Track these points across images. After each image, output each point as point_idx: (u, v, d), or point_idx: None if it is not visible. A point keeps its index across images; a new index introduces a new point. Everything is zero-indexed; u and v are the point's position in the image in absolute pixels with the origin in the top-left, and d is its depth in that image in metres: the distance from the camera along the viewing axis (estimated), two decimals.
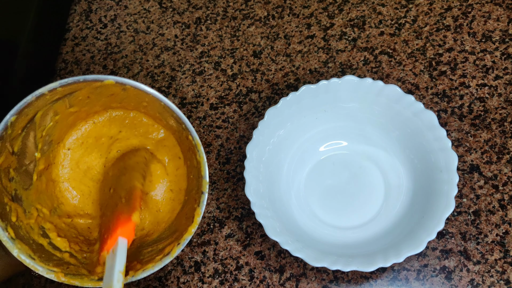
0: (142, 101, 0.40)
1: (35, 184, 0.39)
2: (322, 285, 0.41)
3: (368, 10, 0.52)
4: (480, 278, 0.39)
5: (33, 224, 0.38)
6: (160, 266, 0.37)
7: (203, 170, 0.38)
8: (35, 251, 0.37)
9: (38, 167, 0.40)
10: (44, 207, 0.40)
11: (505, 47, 0.47)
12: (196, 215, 0.38)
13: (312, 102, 0.44)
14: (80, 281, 0.37)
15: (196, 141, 0.38)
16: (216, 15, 0.56)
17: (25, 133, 0.37)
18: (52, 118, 0.39)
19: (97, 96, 0.39)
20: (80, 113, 0.41)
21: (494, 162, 0.43)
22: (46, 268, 0.36)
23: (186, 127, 0.38)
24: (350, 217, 0.43)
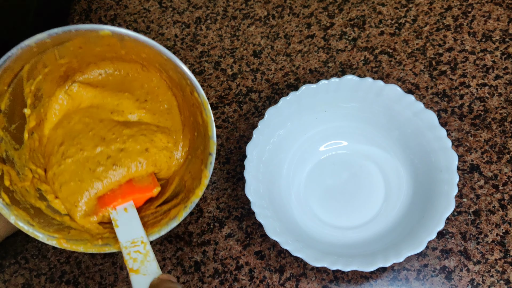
0: (141, 52, 0.37)
1: (26, 142, 0.37)
2: (322, 285, 0.41)
3: (368, 10, 0.52)
4: (480, 278, 0.39)
5: (29, 186, 0.36)
6: (167, 230, 0.36)
7: (210, 130, 0.35)
8: (33, 216, 0.35)
9: (29, 125, 0.37)
10: (38, 167, 0.38)
11: (505, 47, 0.47)
12: (204, 177, 0.36)
13: (312, 102, 0.44)
14: (83, 246, 0.36)
15: (202, 98, 0.35)
16: (216, 15, 0.55)
17: (12, 89, 0.35)
18: (41, 71, 0.36)
19: (90, 46, 0.36)
20: (72, 63, 0.38)
21: (494, 162, 0.43)
22: (47, 235, 0.35)
23: (191, 83, 0.35)
24: (350, 217, 0.43)
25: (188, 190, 0.38)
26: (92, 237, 0.37)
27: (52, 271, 0.46)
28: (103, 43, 0.35)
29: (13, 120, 0.36)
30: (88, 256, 0.46)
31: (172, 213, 0.37)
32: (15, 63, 0.33)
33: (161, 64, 0.37)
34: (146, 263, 0.33)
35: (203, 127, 0.37)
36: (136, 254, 0.34)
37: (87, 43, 0.35)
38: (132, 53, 0.37)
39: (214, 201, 0.46)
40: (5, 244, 0.48)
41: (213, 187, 0.47)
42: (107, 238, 0.37)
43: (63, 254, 0.47)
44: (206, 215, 0.46)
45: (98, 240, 0.37)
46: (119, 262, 0.45)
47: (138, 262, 0.33)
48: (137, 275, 0.32)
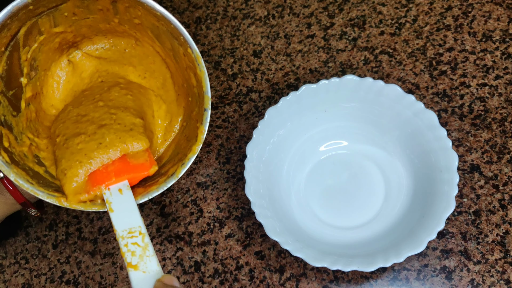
0: (135, 17, 0.37)
1: (23, 111, 0.37)
2: (323, 285, 0.41)
3: (369, 10, 0.52)
4: (481, 278, 0.39)
5: (27, 152, 0.36)
6: (165, 187, 0.36)
7: (204, 86, 0.36)
8: (32, 176, 0.35)
9: (26, 94, 0.37)
10: (36, 137, 0.38)
11: (506, 47, 0.47)
12: (200, 133, 0.36)
13: (312, 102, 0.44)
14: (84, 205, 0.35)
15: (196, 53, 0.35)
16: (216, 15, 0.55)
17: (8, 52, 0.35)
18: (37, 38, 0.36)
19: (83, 12, 0.36)
20: (66, 35, 0.38)
21: (495, 162, 0.43)
22: (46, 193, 0.35)
23: (184, 40, 0.35)
24: (350, 217, 0.43)
25: (184, 150, 0.38)
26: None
27: (52, 271, 0.46)
28: (96, 7, 0.36)
29: (11, 86, 0.36)
30: (88, 256, 0.46)
31: (170, 171, 0.37)
32: (12, 22, 0.33)
33: (154, 29, 0.37)
34: (146, 258, 0.32)
35: (198, 86, 0.37)
36: (134, 246, 0.32)
37: (80, 7, 0.36)
38: (125, 21, 0.37)
39: (214, 201, 0.46)
40: (5, 244, 0.48)
41: (213, 187, 0.47)
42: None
43: (63, 254, 0.47)
44: (206, 215, 0.46)
45: (97, 200, 0.36)
46: (119, 262, 0.45)
47: (137, 257, 0.32)
48: (136, 271, 0.31)
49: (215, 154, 0.48)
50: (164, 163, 0.40)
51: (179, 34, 0.35)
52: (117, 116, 0.38)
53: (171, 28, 0.35)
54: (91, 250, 0.46)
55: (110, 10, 0.36)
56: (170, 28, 0.36)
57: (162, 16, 0.35)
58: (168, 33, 0.37)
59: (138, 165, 0.37)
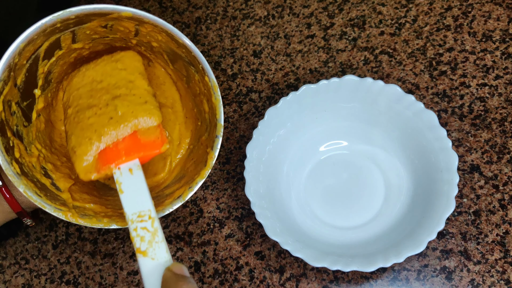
0: (154, 41, 0.37)
1: (34, 122, 0.37)
2: (323, 285, 0.41)
3: (368, 10, 0.52)
4: (481, 278, 0.39)
5: (35, 162, 0.37)
6: (171, 209, 0.36)
7: (218, 114, 0.37)
8: (40, 189, 0.35)
9: (38, 105, 0.38)
10: (43, 148, 0.38)
11: (506, 47, 0.47)
12: (210, 159, 0.37)
13: (312, 102, 0.44)
14: (89, 221, 0.35)
15: (213, 82, 0.36)
16: (216, 15, 0.55)
17: (29, 65, 0.35)
18: (56, 52, 0.37)
19: (105, 32, 0.37)
20: (83, 50, 0.38)
21: (495, 162, 0.43)
22: (54, 206, 0.35)
23: (203, 68, 0.36)
24: (350, 217, 0.43)
25: (192, 174, 0.38)
26: (96, 214, 0.36)
27: (52, 271, 0.46)
28: (119, 27, 0.36)
29: (25, 98, 0.36)
30: (88, 257, 0.46)
31: (176, 193, 0.37)
32: (38, 38, 0.33)
33: (170, 53, 0.38)
34: (155, 244, 0.31)
35: (210, 113, 0.37)
36: (143, 231, 0.31)
37: (104, 27, 0.36)
38: (143, 43, 0.38)
39: (214, 201, 0.46)
40: (6, 244, 0.48)
41: (213, 187, 0.47)
42: (111, 217, 0.36)
43: (63, 254, 0.47)
44: (206, 215, 0.46)
45: (103, 218, 0.36)
46: (119, 263, 0.45)
47: (146, 242, 0.31)
48: (145, 257, 0.30)
49: None
50: (169, 184, 0.40)
51: (198, 63, 0.36)
52: (134, 85, 0.36)
53: (191, 56, 0.36)
54: (91, 250, 0.46)
55: (131, 32, 0.37)
56: (190, 56, 0.36)
57: (184, 45, 0.35)
58: (185, 59, 0.37)
59: (149, 143, 0.35)
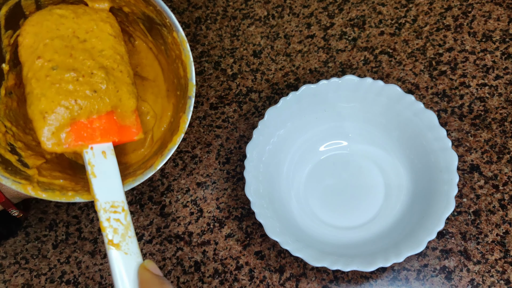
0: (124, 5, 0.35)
1: (3, 99, 0.34)
2: (322, 285, 0.41)
3: (368, 10, 0.52)
4: (480, 278, 0.39)
5: (0, 138, 0.33)
6: (142, 180, 0.34)
7: (189, 72, 0.34)
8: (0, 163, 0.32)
9: (7, 82, 0.34)
10: (13, 126, 0.35)
11: (506, 47, 0.47)
12: (182, 123, 0.34)
13: (312, 102, 0.44)
14: (50, 194, 0.32)
15: (181, 37, 0.34)
16: (216, 15, 0.55)
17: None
18: (21, 23, 0.33)
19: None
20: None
21: (494, 162, 0.43)
22: (12, 179, 0.32)
23: (171, 23, 0.33)
24: (350, 217, 0.43)
25: (166, 141, 0.35)
26: (62, 188, 0.33)
27: (52, 271, 0.46)
28: None
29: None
30: (88, 256, 0.46)
31: (149, 163, 0.35)
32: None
33: (145, 21, 0.36)
34: (128, 238, 0.29)
35: (184, 77, 0.35)
36: (117, 223, 0.30)
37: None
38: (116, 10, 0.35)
39: (214, 201, 0.46)
40: (5, 244, 0.48)
41: (213, 187, 0.47)
42: (78, 191, 0.34)
43: (63, 254, 0.47)
44: (206, 215, 0.46)
45: (68, 191, 0.33)
46: None
47: (119, 235, 0.29)
48: (118, 251, 0.29)
49: (215, 154, 0.48)
50: (148, 159, 0.37)
51: (165, 17, 0.33)
52: (122, 60, 0.33)
53: (159, 13, 0.33)
54: (91, 250, 0.46)
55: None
56: (158, 14, 0.33)
57: (151, 1, 0.33)
58: (156, 21, 0.35)
59: (125, 128, 0.33)
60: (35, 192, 0.32)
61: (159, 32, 0.37)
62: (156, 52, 0.40)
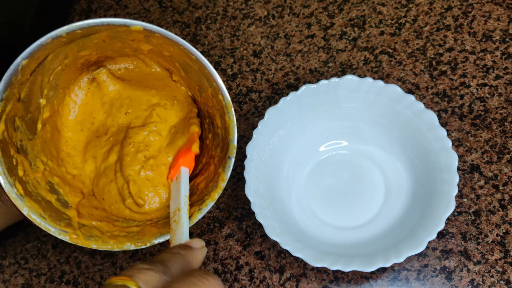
0: (165, 51, 0.36)
1: (39, 133, 0.37)
2: (322, 285, 0.41)
3: (368, 10, 0.52)
4: (481, 278, 0.39)
5: (40, 178, 0.36)
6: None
7: (231, 134, 0.36)
8: (44, 209, 0.34)
9: (43, 115, 0.37)
10: (49, 160, 0.37)
11: (506, 47, 0.47)
12: (221, 181, 0.36)
13: (312, 102, 0.44)
14: (95, 243, 0.35)
15: (227, 101, 0.35)
16: (216, 15, 0.55)
17: (32, 77, 0.34)
18: (62, 62, 0.35)
19: (115, 41, 0.36)
20: (91, 56, 0.37)
21: (495, 162, 0.43)
22: (58, 228, 0.34)
23: (217, 86, 0.35)
24: (350, 217, 0.43)
25: (202, 193, 0.37)
26: (102, 234, 0.36)
27: (52, 271, 0.46)
28: (129, 38, 0.35)
29: (29, 110, 0.36)
30: (88, 256, 0.46)
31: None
32: (42, 53, 0.32)
33: (183, 64, 0.37)
34: (177, 231, 0.32)
35: (223, 130, 0.37)
36: (174, 224, 0.33)
37: (113, 38, 0.35)
38: (154, 51, 0.37)
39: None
40: (5, 244, 0.48)
41: None
42: (117, 237, 0.36)
43: (63, 254, 0.47)
44: (206, 215, 0.46)
45: (109, 240, 0.36)
46: (119, 262, 0.45)
47: (174, 232, 0.32)
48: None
49: None
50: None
51: (212, 80, 0.35)
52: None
53: (205, 73, 0.35)
54: (90, 250, 0.46)
55: (142, 41, 0.36)
56: (203, 71, 0.35)
57: (197, 60, 0.34)
58: (199, 72, 0.36)
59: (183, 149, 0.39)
60: (80, 240, 0.35)
61: (197, 76, 0.38)
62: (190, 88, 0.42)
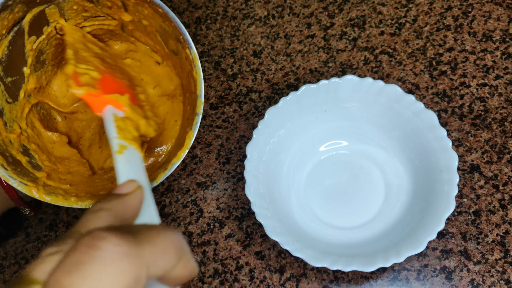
0: (143, 18, 0.37)
1: (21, 101, 0.36)
2: (323, 285, 0.41)
3: (368, 10, 0.52)
4: (481, 278, 0.39)
5: (14, 139, 0.35)
6: None
7: (198, 89, 0.35)
8: (9, 163, 0.34)
9: (27, 85, 0.36)
10: (29, 128, 0.36)
11: (506, 47, 0.47)
12: (187, 139, 0.35)
13: (312, 102, 0.44)
14: (54, 198, 0.34)
15: (194, 55, 0.35)
16: (216, 15, 0.55)
17: (11, 37, 0.33)
18: (45, 30, 0.35)
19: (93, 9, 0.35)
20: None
21: (495, 162, 0.43)
22: (19, 180, 0.33)
23: (184, 40, 0.34)
24: (350, 217, 0.43)
25: (169, 153, 0.36)
26: (66, 194, 0.35)
27: None
28: (106, 2, 0.35)
29: (11, 73, 0.35)
30: None
31: (152, 176, 0.35)
32: (15, 4, 0.31)
33: (161, 33, 0.37)
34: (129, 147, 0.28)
35: (194, 93, 0.36)
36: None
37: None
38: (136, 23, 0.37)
39: (214, 201, 0.46)
40: (6, 244, 0.48)
41: (213, 187, 0.47)
42: (81, 197, 0.35)
43: None
44: (206, 215, 0.46)
45: (71, 197, 0.34)
46: None
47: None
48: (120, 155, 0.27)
49: (215, 154, 0.48)
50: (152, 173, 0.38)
51: (179, 33, 0.35)
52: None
53: (174, 28, 0.35)
54: None
55: (120, 7, 0.36)
56: (173, 28, 0.35)
57: (165, 14, 0.34)
58: (172, 35, 0.36)
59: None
60: (39, 195, 0.33)
61: (175, 45, 0.38)
62: (177, 72, 0.41)
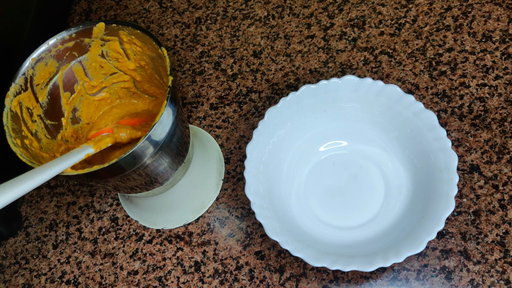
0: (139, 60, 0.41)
1: (58, 141, 0.40)
2: (322, 285, 0.41)
3: (368, 10, 0.52)
4: (480, 278, 0.39)
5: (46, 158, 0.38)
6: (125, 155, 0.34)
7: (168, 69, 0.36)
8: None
9: (65, 132, 0.41)
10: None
11: (505, 47, 0.47)
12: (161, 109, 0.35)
13: (312, 102, 0.44)
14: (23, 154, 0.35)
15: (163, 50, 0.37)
16: (216, 15, 0.56)
17: (50, 90, 0.38)
18: (75, 88, 0.40)
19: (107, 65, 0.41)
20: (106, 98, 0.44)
21: (494, 162, 0.43)
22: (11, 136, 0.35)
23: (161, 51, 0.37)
24: (350, 217, 0.43)
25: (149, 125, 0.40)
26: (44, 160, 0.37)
27: (52, 271, 0.46)
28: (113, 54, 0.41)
29: (51, 118, 0.39)
30: (88, 256, 0.46)
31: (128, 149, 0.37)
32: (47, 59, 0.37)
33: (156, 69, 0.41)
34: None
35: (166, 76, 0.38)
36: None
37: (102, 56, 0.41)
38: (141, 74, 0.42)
39: (214, 201, 0.46)
40: (6, 244, 0.48)
41: None
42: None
43: (63, 254, 0.47)
44: (206, 215, 0.46)
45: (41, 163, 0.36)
46: (119, 262, 0.45)
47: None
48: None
49: None
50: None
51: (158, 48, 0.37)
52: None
53: (153, 47, 0.38)
54: (91, 250, 0.46)
55: (123, 56, 0.40)
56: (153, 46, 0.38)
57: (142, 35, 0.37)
58: (159, 61, 0.39)
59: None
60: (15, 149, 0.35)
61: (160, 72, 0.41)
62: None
